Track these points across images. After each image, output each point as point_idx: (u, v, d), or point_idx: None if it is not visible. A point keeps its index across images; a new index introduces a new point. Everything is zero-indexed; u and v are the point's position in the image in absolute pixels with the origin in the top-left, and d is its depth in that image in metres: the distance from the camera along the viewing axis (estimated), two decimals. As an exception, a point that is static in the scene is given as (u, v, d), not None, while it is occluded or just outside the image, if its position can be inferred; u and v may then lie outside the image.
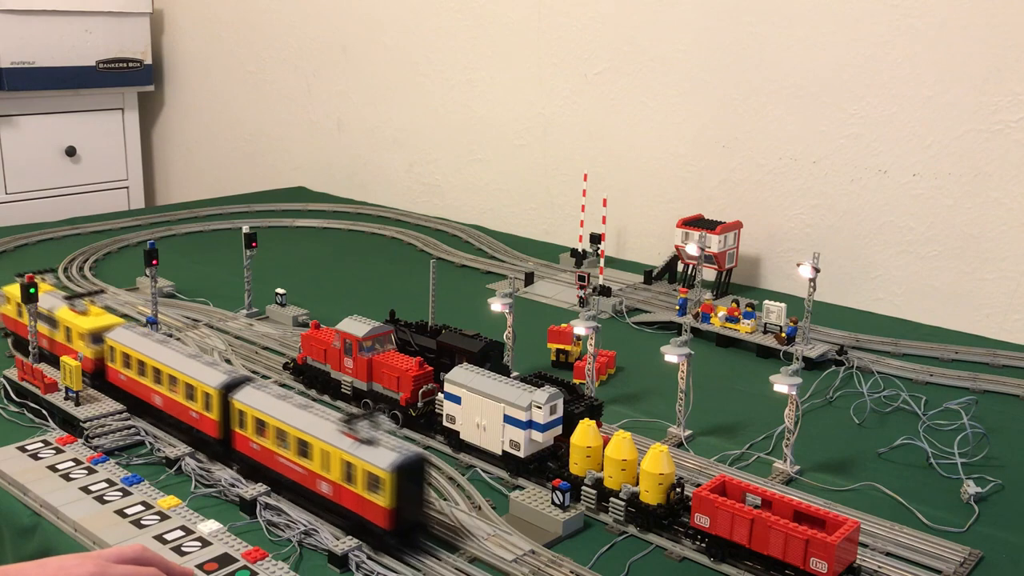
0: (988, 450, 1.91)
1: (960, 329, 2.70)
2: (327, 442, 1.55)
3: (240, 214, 3.96)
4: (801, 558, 1.40)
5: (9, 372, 2.05)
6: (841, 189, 2.92)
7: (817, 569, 1.39)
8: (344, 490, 1.53)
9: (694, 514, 1.52)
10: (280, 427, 1.62)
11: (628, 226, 3.44)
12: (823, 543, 1.38)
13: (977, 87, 2.62)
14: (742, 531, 1.47)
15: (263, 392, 1.70)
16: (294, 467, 1.61)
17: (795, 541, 1.41)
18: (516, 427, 1.74)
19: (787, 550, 1.41)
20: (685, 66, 3.21)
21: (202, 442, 1.80)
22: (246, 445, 1.70)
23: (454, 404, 1.85)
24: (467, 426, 1.83)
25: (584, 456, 1.67)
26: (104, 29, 4.60)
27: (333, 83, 4.40)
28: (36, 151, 4.53)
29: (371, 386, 2.03)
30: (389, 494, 1.45)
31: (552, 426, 1.74)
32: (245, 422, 1.69)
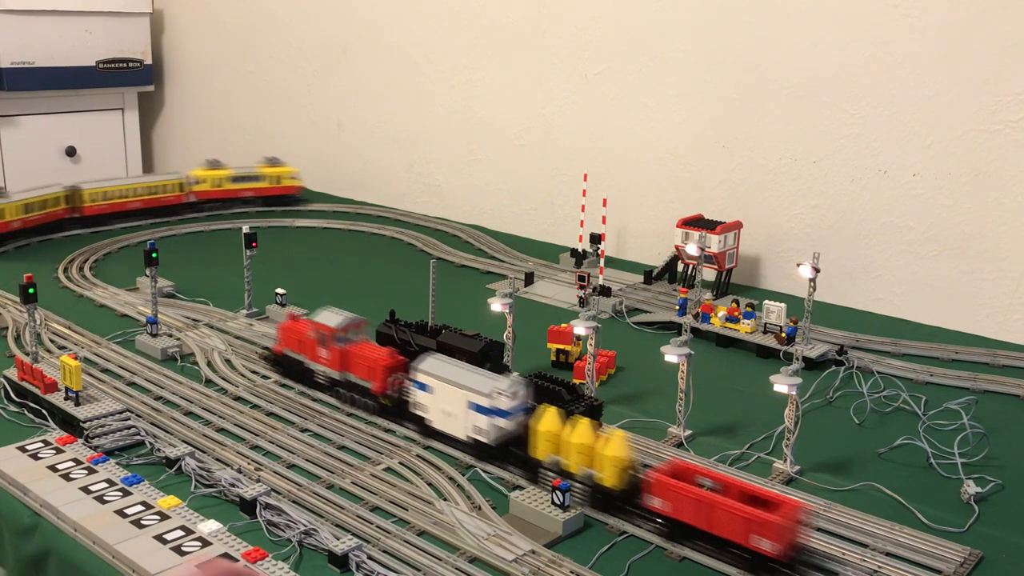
0: (988, 450, 1.91)
1: (960, 329, 2.70)
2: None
3: (240, 214, 3.96)
4: (745, 537, 1.45)
5: (9, 372, 2.05)
6: (841, 189, 2.92)
7: (760, 547, 1.44)
8: None
9: (648, 496, 1.58)
10: None
11: (628, 226, 3.44)
12: (766, 522, 1.43)
13: (977, 87, 2.62)
14: (691, 512, 1.52)
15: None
16: None
17: (739, 520, 1.46)
18: (481, 414, 1.80)
19: (732, 529, 1.47)
20: (685, 66, 3.21)
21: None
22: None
23: (423, 392, 1.92)
24: (435, 413, 1.90)
25: (546, 440, 1.71)
26: (104, 29, 4.60)
27: (333, 83, 4.40)
28: (36, 151, 4.52)
29: (345, 375, 2.09)
30: None
31: (517, 412, 1.78)
32: None
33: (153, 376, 2.23)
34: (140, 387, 2.18)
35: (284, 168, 4.07)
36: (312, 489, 1.71)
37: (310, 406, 2.09)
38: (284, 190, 4.08)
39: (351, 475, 1.77)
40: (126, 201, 3.75)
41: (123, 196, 3.73)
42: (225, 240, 3.61)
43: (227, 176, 3.98)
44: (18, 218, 3.38)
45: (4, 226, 3.33)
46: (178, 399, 2.10)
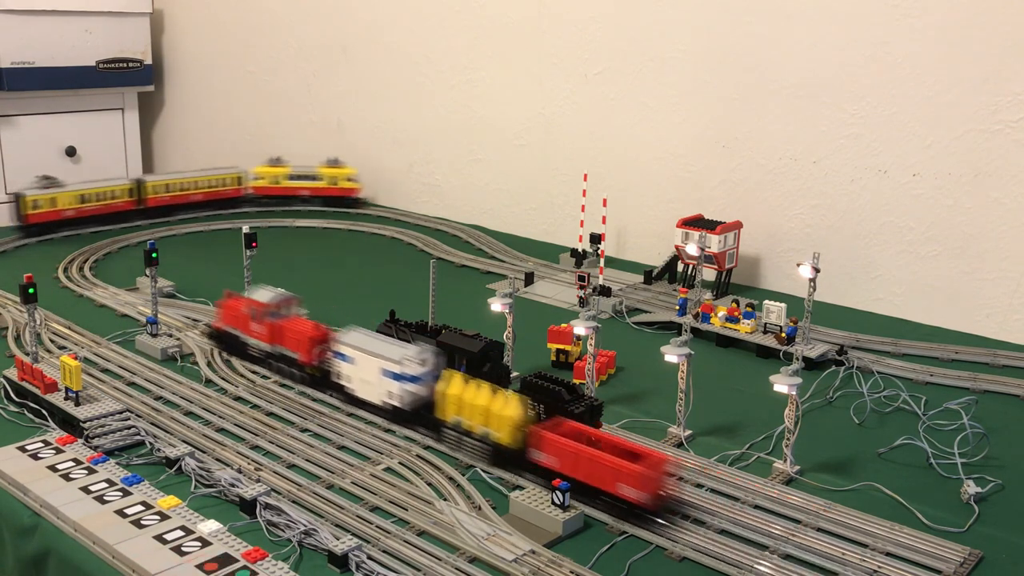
0: (988, 450, 1.91)
1: (960, 329, 2.70)
2: None
3: (240, 214, 3.96)
4: (614, 486, 1.61)
5: (9, 372, 2.05)
6: (841, 189, 2.92)
7: (627, 494, 1.60)
8: None
9: (533, 451, 1.70)
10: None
11: (628, 226, 3.44)
12: (630, 472, 1.59)
13: (977, 87, 2.62)
14: (571, 465, 1.66)
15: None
16: None
17: (608, 471, 1.61)
18: (394, 380, 1.95)
19: (604, 480, 1.62)
20: (685, 66, 3.21)
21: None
22: None
23: (344, 363, 2.06)
24: (356, 382, 2.05)
25: (451, 403, 1.86)
26: (104, 29, 4.59)
27: (333, 83, 4.40)
28: (36, 151, 4.52)
29: (276, 348, 2.22)
30: None
31: (426, 378, 1.92)
32: None
33: (153, 376, 2.23)
34: (140, 387, 2.18)
35: (343, 169, 4.05)
36: (312, 489, 1.71)
37: (310, 406, 2.09)
38: (341, 191, 4.05)
39: (351, 475, 1.77)
40: (188, 194, 3.85)
41: (184, 189, 3.84)
42: (225, 240, 3.61)
43: (285, 174, 4.01)
44: (72, 207, 3.54)
45: (56, 214, 3.51)
46: (178, 399, 2.10)
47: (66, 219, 3.56)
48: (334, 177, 4.03)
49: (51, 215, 3.51)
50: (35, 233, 3.51)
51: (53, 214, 3.52)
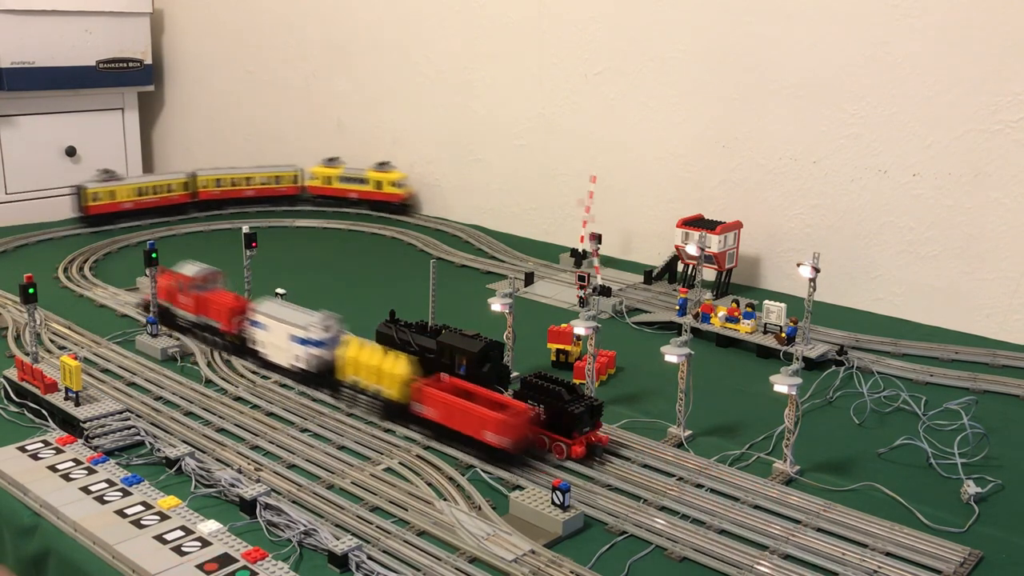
0: (988, 450, 1.91)
1: (960, 329, 2.70)
2: None
3: (240, 214, 3.96)
4: (480, 433, 1.79)
5: (9, 372, 2.05)
6: (841, 189, 2.92)
7: (490, 440, 1.78)
8: None
9: (416, 404, 1.90)
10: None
11: (628, 226, 3.44)
12: (493, 419, 1.77)
13: (977, 87, 2.62)
14: (445, 415, 1.86)
15: None
16: None
17: (475, 420, 1.80)
18: (300, 345, 2.13)
19: (472, 427, 1.81)
20: (685, 66, 3.21)
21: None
22: None
23: (259, 330, 2.25)
24: (269, 348, 2.24)
25: (349, 364, 2.05)
26: (104, 29, 4.59)
27: (333, 83, 4.40)
28: (36, 151, 4.52)
29: (200, 318, 2.42)
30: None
31: (329, 343, 2.09)
32: None
33: (153, 376, 2.23)
34: (140, 387, 2.18)
35: (389, 174, 3.95)
36: (312, 489, 1.71)
37: (310, 406, 2.09)
38: (385, 196, 3.95)
39: (351, 475, 1.77)
40: (239, 189, 3.91)
41: (235, 184, 3.90)
42: (225, 240, 3.61)
43: (337, 175, 3.99)
44: (130, 199, 3.72)
45: (115, 206, 3.70)
46: (178, 399, 2.11)
47: (124, 211, 3.75)
48: (377, 181, 3.95)
49: (110, 207, 3.70)
50: (95, 224, 3.68)
51: (112, 206, 3.71)
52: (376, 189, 3.94)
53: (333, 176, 3.99)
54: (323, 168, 4.05)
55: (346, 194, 3.99)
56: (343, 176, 3.97)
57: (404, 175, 3.97)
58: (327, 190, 4.03)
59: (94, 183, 3.71)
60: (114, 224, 3.71)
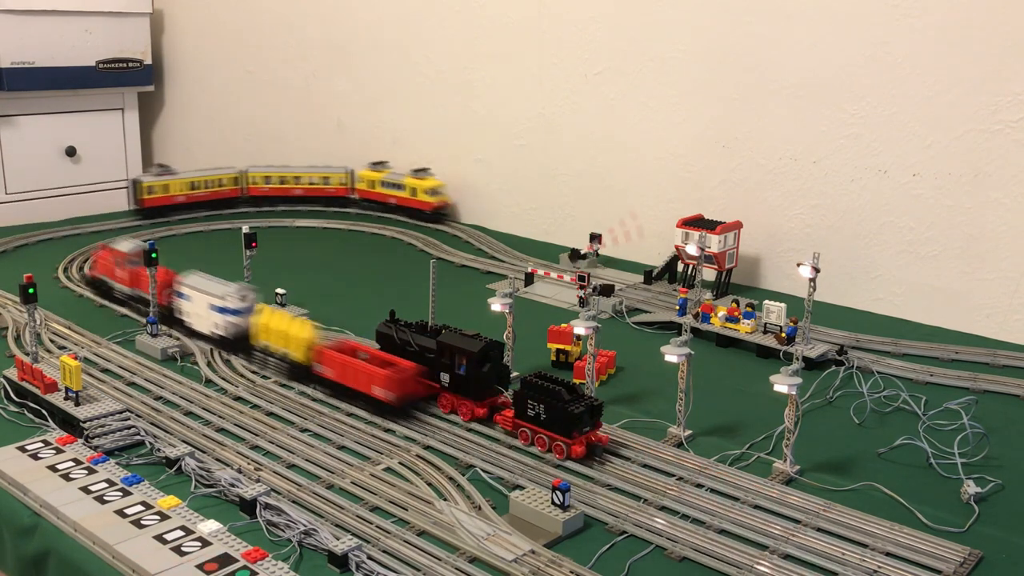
0: (988, 450, 1.91)
1: (960, 329, 2.70)
2: None
3: (240, 214, 3.96)
4: (369, 388, 1.99)
5: (9, 372, 2.05)
6: (841, 189, 2.92)
7: (378, 394, 1.98)
8: None
9: (316, 365, 2.11)
10: None
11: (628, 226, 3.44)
12: (379, 376, 1.98)
13: (977, 87, 2.62)
14: (340, 374, 2.05)
15: None
16: None
17: (364, 376, 2.00)
18: (219, 313, 2.33)
19: (362, 384, 2.01)
20: (685, 66, 3.21)
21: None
22: None
23: (184, 301, 2.47)
24: (193, 317, 2.45)
25: (261, 331, 2.25)
26: (104, 29, 4.59)
27: (333, 83, 4.40)
28: (36, 151, 4.52)
29: (135, 291, 2.62)
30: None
31: (245, 312, 2.29)
32: None
33: (153, 376, 2.23)
34: (140, 387, 2.18)
35: (424, 181, 3.83)
36: (312, 489, 1.71)
37: (310, 406, 2.09)
38: (419, 204, 3.84)
39: (351, 475, 1.77)
40: (288, 187, 3.95)
41: (284, 182, 3.94)
42: (225, 240, 3.61)
43: (380, 179, 3.94)
44: (183, 193, 3.87)
45: (169, 199, 3.85)
46: (178, 399, 2.11)
47: (177, 204, 3.88)
48: (415, 188, 3.83)
49: (164, 200, 3.85)
50: (150, 216, 3.84)
51: (166, 199, 3.86)
52: (411, 196, 3.84)
53: (376, 180, 3.94)
54: (369, 171, 4.01)
55: (386, 199, 3.94)
56: (384, 181, 3.91)
57: (441, 183, 3.86)
58: (371, 194, 3.99)
59: (149, 177, 3.86)
60: (168, 216, 3.85)
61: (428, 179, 3.84)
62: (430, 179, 3.84)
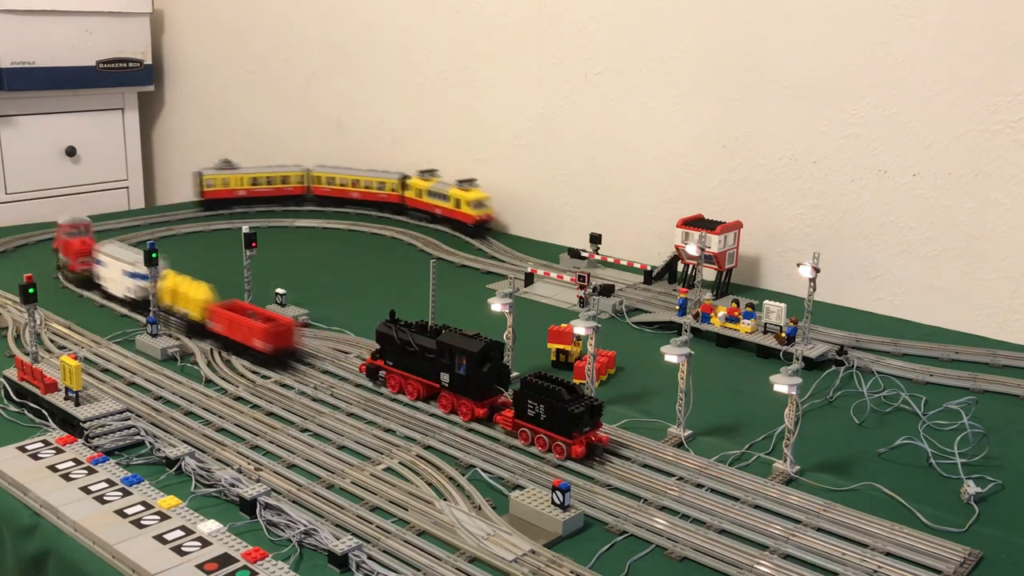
0: (988, 450, 1.91)
1: (960, 329, 2.70)
2: None
3: (240, 214, 3.96)
4: (251, 341, 2.26)
5: (9, 372, 2.05)
6: (841, 189, 2.92)
7: (258, 347, 2.25)
8: None
9: (208, 322, 2.38)
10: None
11: (628, 226, 3.44)
12: (257, 329, 2.25)
13: (977, 87, 2.62)
14: (228, 329, 2.33)
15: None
16: None
17: (246, 331, 2.27)
18: (130, 278, 2.64)
19: (245, 337, 2.28)
20: (685, 66, 3.21)
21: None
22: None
23: (102, 267, 2.78)
24: (109, 282, 2.76)
25: (165, 292, 2.51)
26: (104, 29, 4.60)
27: (333, 83, 4.40)
28: (36, 151, 4.53)
29: (64, 260, 2.93)
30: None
31: (151, 277, 2.50)
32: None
33: (153, 376, 2.23)
34: (140, 387, 2.18)
35: (468, 192, 3.62)
36: (312, 489, 1.71)
37: (310, 406, 2.09)
38: (461, 216, 3.64)
39: (351, 475, 1.77)
40: (347, 190, 3.95)
41: (343, 184, 3.95)
42: (225, 240, 3.61)
43: (427, 188, 3.79)
44: (244, 188, 3.96)
45: (229, 193, 3.96)
46: (178, 399, 2.11)
47: (238, 198, 3.98)
48: (456, 200, 3.64)
49: (224, 193, 3.96)
50: (210, 208, 3.95)
51: (226, 192, 3.96)
52: (455, 208, 3.66)
53: (424, 189, 3.79)
54: (418, 180, 3.85)
55: (432, 209, 3.78)
56: (431, 191, 3.76)
57: (486, 195, 3.64)
58: (419, 203, 3.84)
59: (210, 170, 3.96)
60: (228, 209, 3.95)
61: (473, 190, 3.64)
62: (475, 191, 3.64)
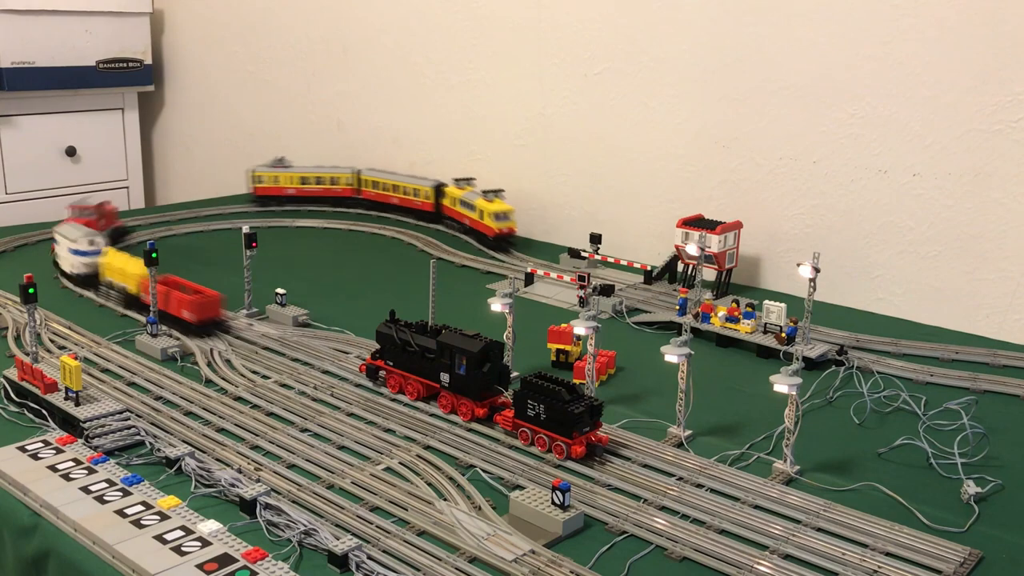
0: (988, 450, 1.91)
1: (960, 329, 2.70)
2: None
3: (240, 214, 3.96)
4: (180, 312, 2.48)
5: (9, 372, 2.05)
6: (841, 189, 2.92)
7: (186, 317, 2.47)
8: None
9: (143, 295, 2.57)
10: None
11: (628, 226, 3.44)
12: (184, 301, 2.47)
13: (977, 87, 2.62)
14: (164, 303, 2.51)
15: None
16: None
17: (175, 303, 2.49)
18: (75, 255, 2.87)
19: (175, 309, 2.50)
20: (685, 66, 3.21)
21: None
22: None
23: (56, 245, 3.03)
24: (61, 259, 2.99)
25: (107, 269, 2.76)
26: (104, 29, 4.60)
27: (333, 83, 4.40)
28: (36, 151, 4.53)
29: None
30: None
31: (93, 253, 2.83)
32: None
33: (153, 376, 2.23)
34: (140, 387, 2.18)
35: (492, 204, 3.45)
36: (312, 489, 1.71)
37: (310, 406, 2.09)
38: (483, 228, 3.47)
39: (351, 475, 1.77)
40: (389, 195, 3.93)
41: (386, 189, 3.93)
42: (225, 240, 3.61)
43: (459, 198, 3.63)
44: (293, 186, 4.04)
45: (279, 190, 4.07)
46: (178, 399, 2.11)
47: (287, 196, 4.06)
48: (480, 212, 3.47)
49: (274, 190, 4.06)
50: (262, 204, 4.07)
51: (276, 190, 4.06)
52: (478, 219, 3.50)
53: (457, 198, 3.63)
54: (453, 188, 3.70)
55: (462, 219, 3.62)
56: (462, 200, 3.59)
57: (509, 208, 3.45)
58: (452, 212, 3.70)
59: (263, 167, 4.07)
60: (280, 206, 4.05)
61: (496, 202, 3.46)
62: (498, 202, 3.46)
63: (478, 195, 3.56)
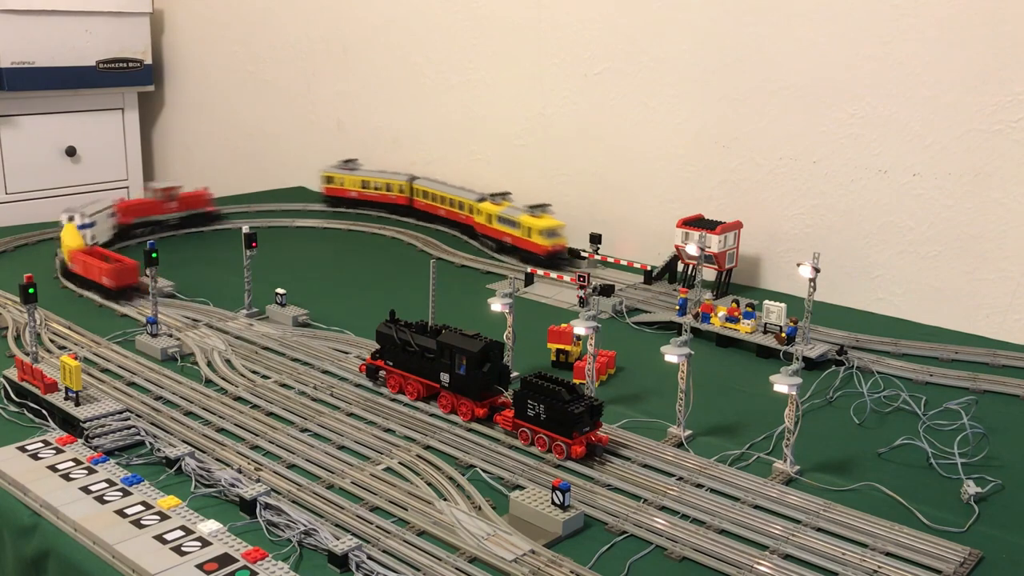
0: (988, 450, 1.91)
1: (960, 329, 2.70)
2: None
3: (240, 214, 3.96)
4: (100, 279, 2.76)
5: (9, 372, 2.05)
6: (841, 189, 2.92)
7: (105, 283, 2.74)
8: None
9: (70, 264, 2.90)
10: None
11: (628, 226, 3.44)
12: (103, 269, 2.73)
13: (977, 87, 2.62)
14: (83, 269, 2.79)
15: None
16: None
17: (95, 270, 2.77)
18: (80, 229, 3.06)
19: (97, 276, 2.76)
20: (685, 66, 3.21)
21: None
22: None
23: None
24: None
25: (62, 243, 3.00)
26: (104, 29, 4.60)
27: (333, 83, 4.40)
28: (36, 151, 4.53)
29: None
30: None
31: (88, 227, 3.09)
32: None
33: (153, 376, 2.23)
34: (140, 387, 2.18)
35: (539, 220, 3.25)
36: (312, 489, 1.71)
37: (310, 406, 2.09)
38: (532, 246, 3.26)
39: (351, 475, 1.77)
40: (436, 207, 3.86)
41: (434, 200, 3.85)
42: (225, 240, 3.61)
43: (496, 214, 3.42)
44: (355, 189, 4.07)
45: (342, 192, 4.10)
46: (178, 399, 2.11)
47: (350, 199, 4.09)
48: (527, 228, 3.26)
49: (339, 192, 4.10)
50: (332, 204, 4.12)
51: (341, 191, 4.11)
52: (525, 236, 3.28)
53: (494, 215, 3.42)
54: (488, 204, 3.48)
55: (502, 237, 3.39)
56: (501, 216, 3.39)
57: (559, 223, 3.26)
58: (488, 229, 3.47)
59: (333, 168, 4.11)
60: (341, 207, 4.09)
61: (544, 217, 3.29)
62: (546, 217, 3.29)
63: (520, 211, 3.33)
